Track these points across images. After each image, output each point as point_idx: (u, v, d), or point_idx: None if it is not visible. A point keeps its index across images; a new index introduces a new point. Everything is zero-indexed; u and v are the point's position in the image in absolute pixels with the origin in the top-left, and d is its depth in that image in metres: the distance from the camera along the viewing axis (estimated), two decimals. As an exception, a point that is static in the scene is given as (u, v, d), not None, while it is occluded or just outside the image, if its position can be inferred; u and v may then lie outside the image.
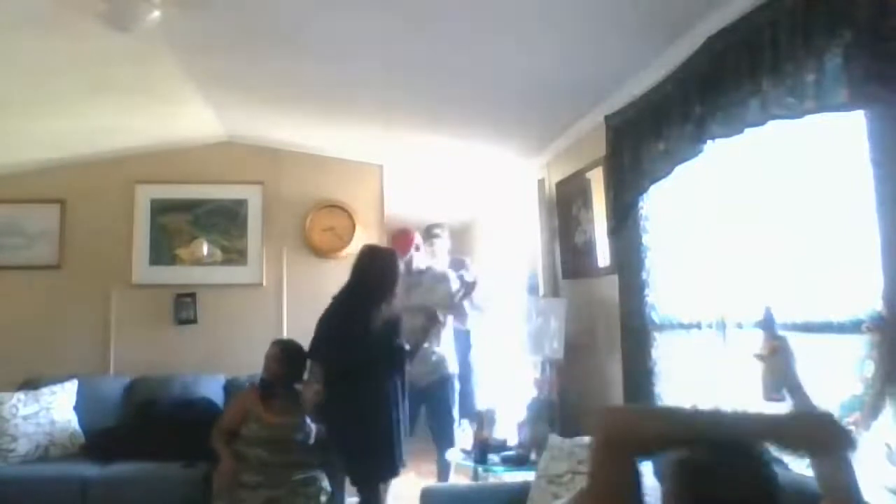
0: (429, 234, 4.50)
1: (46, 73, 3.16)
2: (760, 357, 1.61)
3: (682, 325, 2.60)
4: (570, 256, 3.78)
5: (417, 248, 4.20)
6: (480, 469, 3.51)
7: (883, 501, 1.58)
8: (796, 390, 1.52)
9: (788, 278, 2.00)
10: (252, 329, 4.03)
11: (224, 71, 3.38)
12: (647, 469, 2.29)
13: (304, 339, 3.34)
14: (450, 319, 4.08)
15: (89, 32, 2.64)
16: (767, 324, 1.65)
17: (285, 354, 3.48)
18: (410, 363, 3.37)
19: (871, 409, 1.63)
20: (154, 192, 4.68)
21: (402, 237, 4.20)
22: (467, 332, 5.01)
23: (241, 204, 4.73)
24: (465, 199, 5.93)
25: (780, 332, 1.63)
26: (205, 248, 4.64)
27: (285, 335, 4.27)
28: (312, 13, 2.58)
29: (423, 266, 4.19)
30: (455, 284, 4.11)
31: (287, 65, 3.17)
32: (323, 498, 3.38)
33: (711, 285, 2.40)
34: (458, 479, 4.36)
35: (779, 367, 1.56)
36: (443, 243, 4.58)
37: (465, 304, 4.09)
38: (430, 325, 3.75)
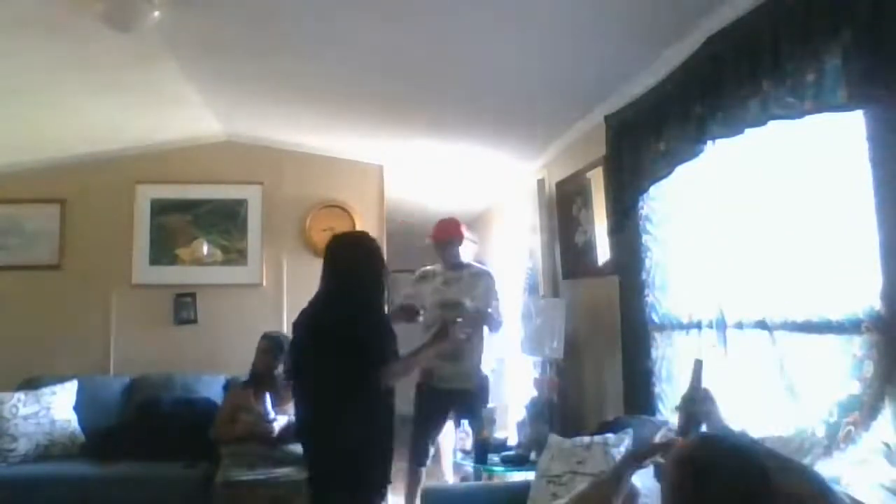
0: None
1: (47, 73, 3.16)
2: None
3: (681, 325, 2.60)
4: (570, 256, 3.78)
5: (461, 240, 3.88)
6: (481, 469, 3.51)
7: (882, 501, 1.58)
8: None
9: (788, 278, 2.00)
10: (252, 329, 4.02)
11: (224, 71, 3.38)
12: (647, 471, 2.29)
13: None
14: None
15: (90, 33, 2.64)
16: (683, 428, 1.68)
17: (275, 346, 3.57)
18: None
19: (870, 409, 1.63)
20: (154, 192, 4.68)
21: (446, 224, 3.92)
22: None
23: (241, 204, 4.74)
24: (465, 199, 5.94)
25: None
26: (205, 248, 4.65)
27: (285, 335, 4.28)
28: (312, 13, 2.58)
29: (464, 261, 3.94)
30: (496, 288, 3.86)
31: (287, 65, 3.17)
32: (323, 498, 3.38)
33: (711, 285, 2.40)
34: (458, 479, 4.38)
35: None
36: (469, 246, 4.64)
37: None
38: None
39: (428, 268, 4.02)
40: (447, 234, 3.88)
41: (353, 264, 2.61)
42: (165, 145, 4.63)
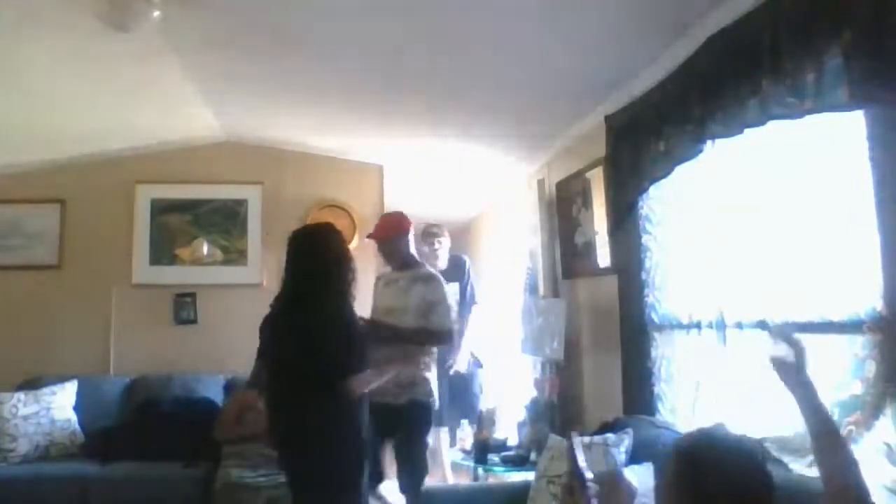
0: (428, 234, 4.40)
1: (47, 72, 3.16)
2: None
3: (681, 325, 2.60)
4: (570, 256, 3.78)
5: (405, 235, 3.30)
6: (480, 469, 3.51)
7: (883, 501, 1.58)
8: None
9: (788, 278, 2.00)
10: (252, 329, 4.00)
11: (224, 70, 3.38)
12: (647, 471, 2.29)
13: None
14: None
15: (90, 32, 2.64)
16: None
17: None
18: None
19: (873, 408, 1.63)
20: (154, 192, 4.68)
21: (388, 219, 3.41)
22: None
23: (241, 204, 4.73)
24: (466, 199, 5.94)
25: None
26: (205, 248, 4.65)
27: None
28: (312, 13, 2.58)
29: (415, 258, 3.39)
30: (439, 294, 3.17)
31: (287, 65, 3.17)
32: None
33: (711, 285, 2.40)
34: (459, 479, 4.37)
35: None
36: (444, 242, 4.53)
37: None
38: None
39: (383, 270, 3.62)
40: (391, 230, 3.30)
41: (312, 260, 2.59)
42: (165, 145, 4.63)
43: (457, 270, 4.57)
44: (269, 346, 2.65)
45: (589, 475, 1.68)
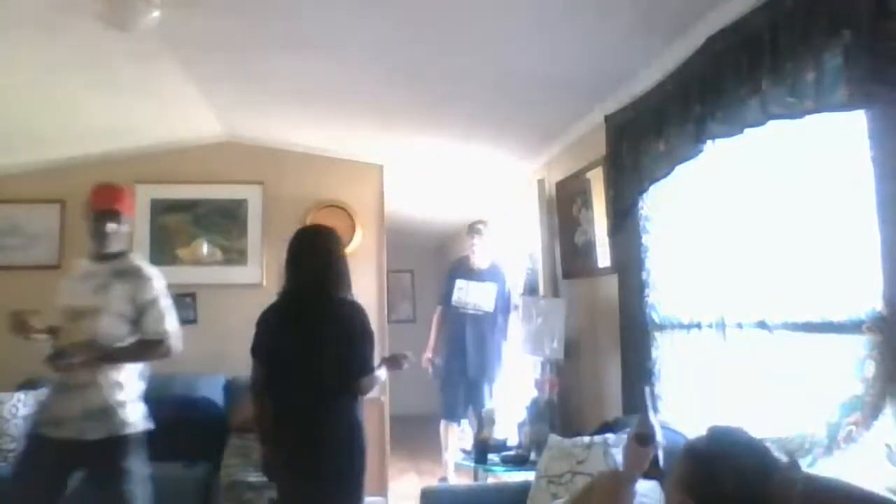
0: (472, 229, 4.67)
1: (46, 72, 3.16)
2: None
3: (682, 325, 2.60)
4: (570, 256, 3.78)
5: (126, 216, 2.72)
6: (480, 469, 3.51)
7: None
8: None
9: (788, 278, 2.00)
10: (252, 329, 4.00)
11: (224, 71, 3.38)
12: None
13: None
14: None
15: (89, 32, 2.64)
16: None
17: None
18: None
19: (872, 409, 1.62)
20: (154, 192, 4.68)
21: (114, 191, 2.72)
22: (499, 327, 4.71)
23: (241, 204, 4.73)
24: (465, 199, 5.94)
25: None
26: (205, 248, 4.65)
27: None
28: (312, 13, 2.58)
29: (120, 249, 2.75)
30: (151, 292, 2.68)
31: (287, 64, 3.17)
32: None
33: (711, 285, 2.40)
34: (459, 479, 4.38)
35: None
36: (483, 240, 4.63)
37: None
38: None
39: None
40: (114, 201, 2.65)
41: (334, 257, 2.67)
42: (165, 145, 4.63)
43: (497, 272, 4.77)
44: (279, 345, 2.68)
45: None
